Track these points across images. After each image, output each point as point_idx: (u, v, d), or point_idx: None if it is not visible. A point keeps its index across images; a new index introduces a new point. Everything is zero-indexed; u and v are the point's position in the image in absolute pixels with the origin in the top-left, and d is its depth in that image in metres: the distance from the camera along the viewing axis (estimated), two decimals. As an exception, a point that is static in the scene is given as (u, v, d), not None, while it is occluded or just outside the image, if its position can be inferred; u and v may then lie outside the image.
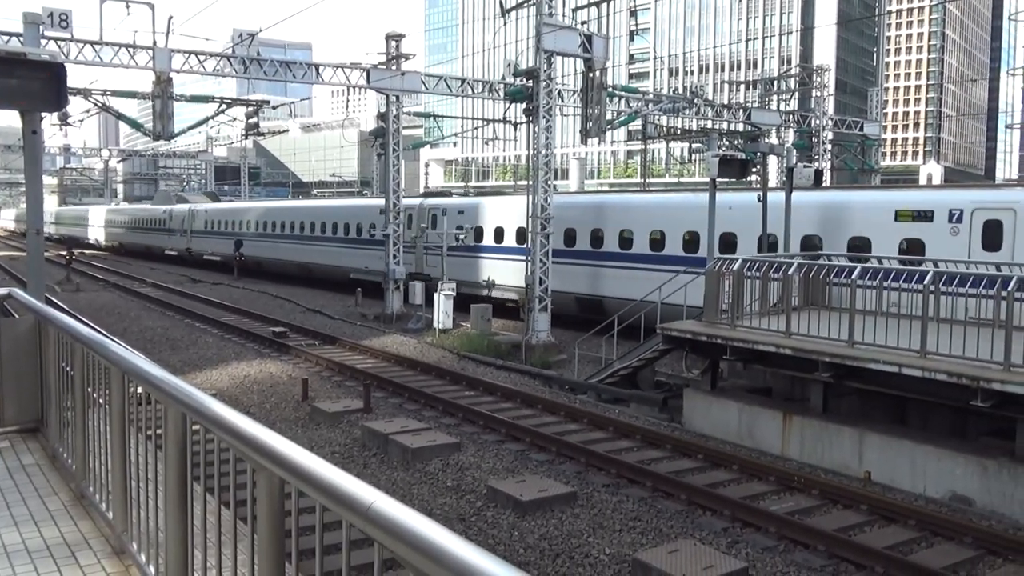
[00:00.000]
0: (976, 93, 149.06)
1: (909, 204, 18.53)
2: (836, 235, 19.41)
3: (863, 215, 19.36)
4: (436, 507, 10.54)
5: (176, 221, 53.67)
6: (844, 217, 19.55)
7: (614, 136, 73.80)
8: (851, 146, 44.78)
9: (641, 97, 33.04)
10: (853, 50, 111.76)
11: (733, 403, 14.22)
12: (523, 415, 14.89)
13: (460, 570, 1.87)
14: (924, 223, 17.88)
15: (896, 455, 11.82)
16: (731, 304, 14.41)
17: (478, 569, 1.83)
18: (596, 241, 24.71)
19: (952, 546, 9.36)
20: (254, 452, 2.74)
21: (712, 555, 8.68)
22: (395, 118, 27.44)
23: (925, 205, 18.13)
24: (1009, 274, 12.17)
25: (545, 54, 22.11)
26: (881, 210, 18.92)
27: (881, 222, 18.70)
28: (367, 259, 32.24)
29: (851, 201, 20.33)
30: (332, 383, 17.74)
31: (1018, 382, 10.25)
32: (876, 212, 19.07)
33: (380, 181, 41.89)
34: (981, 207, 17.10)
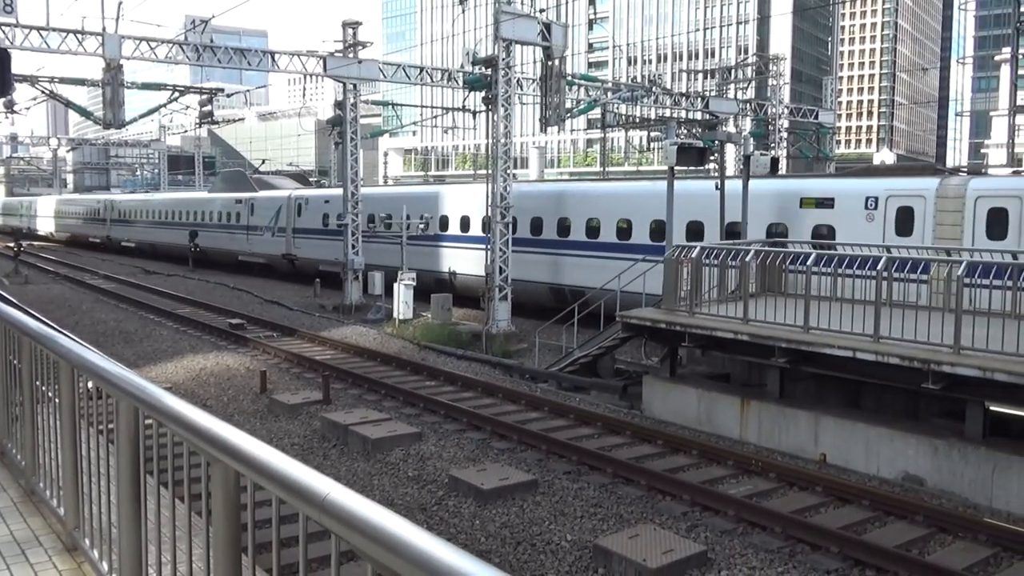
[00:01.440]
0: (927, 82, 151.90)
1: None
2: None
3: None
4: (397, 497, 10.52)
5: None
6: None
7: (573, 125, 73.99)
8: (806, 134, 45.42)
9: (600, 86, 33.12)
10: (808, 39, 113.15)
11: (692, 389, 14.38)
12: (484, 404, 14.90)
13: (417, 559, 1.86)
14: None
15: (850, 437, 12.06)
16: (689, 291, 14.55)
17: (434, 558, 1.82)
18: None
19: (904, 525, 9.58)
20: (208, 445, 2.70)
21: (672, 539, 8.78)
22: (353, 106, 27.17)
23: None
24: (960, 259, 12.45)
25: (503, 42, 22.03)
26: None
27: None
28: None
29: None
30: (291, 375, 17.57)
31: (967, 365, 10.51)
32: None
33: (338, 170, 41.48)
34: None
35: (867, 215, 17.95)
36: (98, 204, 58.26)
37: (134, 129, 56.98)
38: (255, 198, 38.77)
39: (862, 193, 18.17)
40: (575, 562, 8.66)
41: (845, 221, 18.25)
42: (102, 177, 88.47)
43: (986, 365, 10.36)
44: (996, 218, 16.10)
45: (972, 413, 11.02)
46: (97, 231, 57.24)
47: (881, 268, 12.05)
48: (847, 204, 18.37)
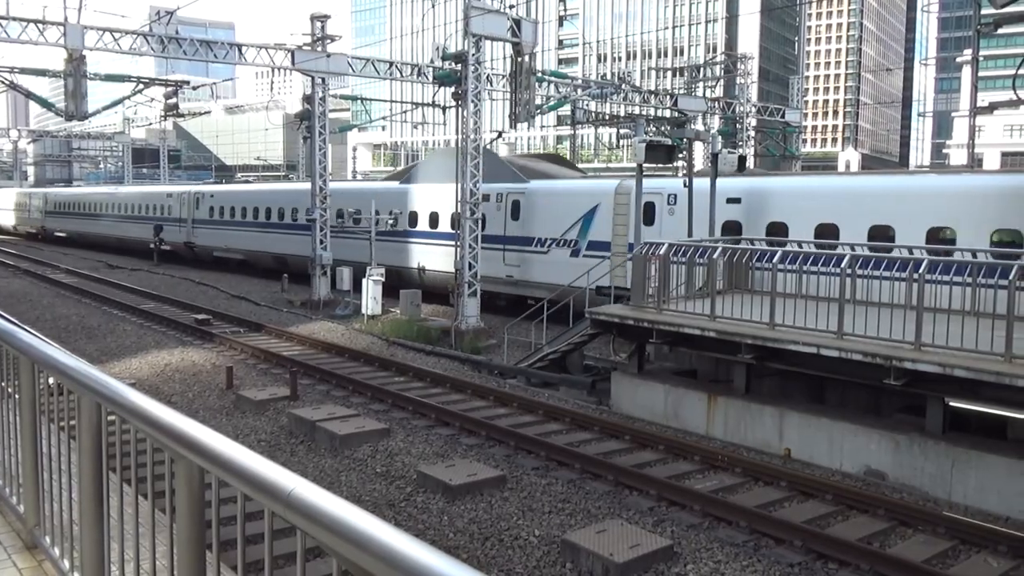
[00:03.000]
0: (892, 82, 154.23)
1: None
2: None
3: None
4: (365, 493, 10.48)
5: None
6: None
7: (543, 121, 74.02)
8: (773, 133, 45.92)
9: (570, 82, 33.19)
10: (776, 39, 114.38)
11: (659, 385, 14.49)
12: (453, 400, 14.89)
13: (383, 555, 1.86)
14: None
15: (815, 433, 12.23)
16: (657, 288, 14.65)
17: (400, 553, 1.82)
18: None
19: (866, 518, 9.74)
20: (172, 441, 2.67)
21: (639, 534, 8.85)
22: (321, 100, 26.97)
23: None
24: (920, 257, 12.67)
25: (473, 38, 21.99)
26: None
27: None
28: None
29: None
30: (258, 371, 17.42)
31: (928, 360, 10.70)
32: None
33: (306, 165, 41.14)
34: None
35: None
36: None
37: (97, 121, 56.03)
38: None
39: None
40: (543, 557, 8.70)
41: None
42: (64, 170, 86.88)
43: (946, 361, 10.56)
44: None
45: (932, 409, 11.22)
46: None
47: (845, 266, 12.23)
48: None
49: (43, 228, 57.71)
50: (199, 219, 40.18)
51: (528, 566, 8.52)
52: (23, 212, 63.33)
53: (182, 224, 41.44)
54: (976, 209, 16.09)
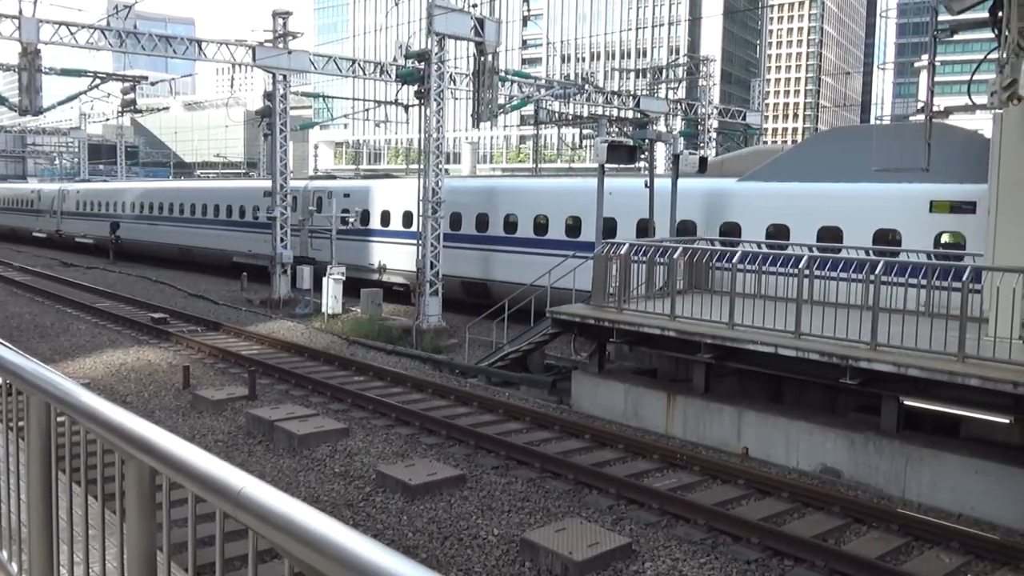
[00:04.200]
0: (851, 86, 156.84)
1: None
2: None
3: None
4: (323, 494, 10.39)
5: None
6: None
7: (506, 120, 74.09)
8: (735, 134, 46.47)
9: (533, 82, 33.24)
10: (738, 42, 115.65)
11: (620, 384, 14.57)
12: (413, 399, 14.84)
13: (335, 555, 1.84)
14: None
15: (772, 431, 12.39)
16: (618, 288, 14.73)
17: (353, 553, 1.81)
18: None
19: (822, 516, 9.89)
20: (122, 441, 2.62)
21: (598, 532, 8.90)
22: (282, 98, 26.68)
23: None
24: (877, 259, 12.90)
25: (436, 36, 21.92)
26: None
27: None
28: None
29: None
30: (215, 370, 17.19)
31: (883, 360, 10.90)
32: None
33: (267, 162, 40.65)
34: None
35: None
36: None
37: (53, 117, 54.84)
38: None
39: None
40: (502, 556, 8.70)
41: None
42: (18, 166, 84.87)
43: (901, 361, 10.76)
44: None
45: (887, 407, 11.43)
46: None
47: (803, 266, 12.40)
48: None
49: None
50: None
51: (487, 565, 8.52)
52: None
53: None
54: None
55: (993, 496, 10.21)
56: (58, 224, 48.69)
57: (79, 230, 45.95)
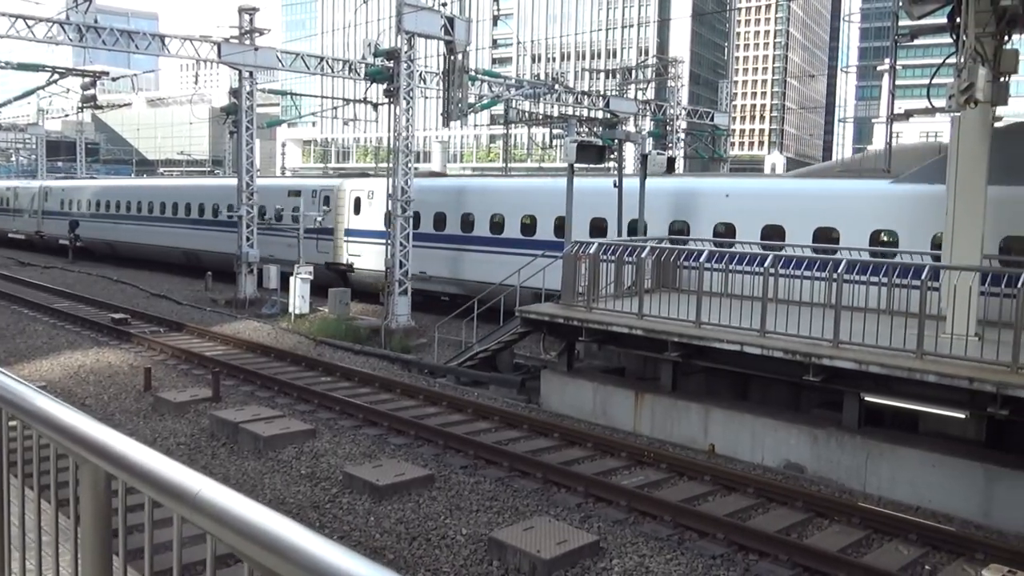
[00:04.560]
0: (815, 88, 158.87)
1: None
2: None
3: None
4: (289, 496, 10.31)
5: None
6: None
7: (477, 120, 74.05)
8: (702, 135, 46.80)
9: (503, 82, 33.21)
10: (706, 44, 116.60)
11: (588, 383, 14.63)
12: (381, 400, 14.77)
13: (296, 558, 1.82)
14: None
15: (738, 428, 12.52)
16: (587, 287, 14.79)
17: (314, 556, 1.79)
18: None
19: (785, 510, 10.02)
20: (76, 445, 2.58)
21: (566, 530, 8.92)
22: (249, 95, 26.41)
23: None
24: (839, 258, 13.08)
25: (406, 35, 21.82)
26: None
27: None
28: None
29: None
30: (178, 371, 16.96)
31: (845, 357, 11.06)
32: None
33: (233, 160, 40.23)
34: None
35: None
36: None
37: (9, 112, 53.69)
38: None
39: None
40: (470, 555, 8.69)
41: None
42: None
43: (862, 358, 10.93)
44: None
45: (849, 404, 11.60)
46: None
47: (768, 265, 12.54)
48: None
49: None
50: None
51: (455, 565, 8.50)
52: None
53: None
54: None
55: (949, 489, 10.41)
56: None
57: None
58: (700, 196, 20.00)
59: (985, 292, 11.83)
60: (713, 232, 18.80)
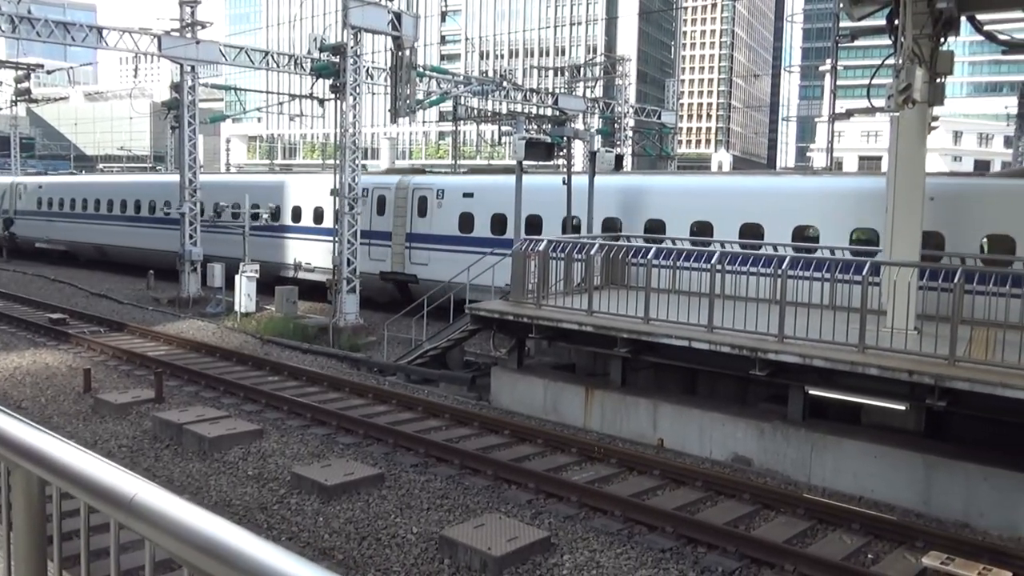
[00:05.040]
0: (760, 88, 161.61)
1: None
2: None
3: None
4: (236, 497, 10.12)
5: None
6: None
7: (425, 116, 73.74)
8: (650, 133, 47.28)
9: (451, 78, 33.11)
10: (653, 43, 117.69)
11: (539, 380, 14.65)
12: (330, 399, 14.60)
13: (236, 562, 1.77)
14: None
15: (686, 423, 12.66)
16: (536, 284, 14.80)
17: (256, 559, 1.74)
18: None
19: (733, 503, 10.16)
20: (7, 449, 2.48)
21: (516, 527, 8.92)
22: (191, 89, 25.87)
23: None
24: (784, 254, 13.31)
25: (352, 30, 21.58)
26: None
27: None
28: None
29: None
30: (119, 372, 16.54)
31: (790, 352, 11.25)
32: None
33: (175, 156, 39.37)
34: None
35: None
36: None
37: (-64, 105, 51.59)
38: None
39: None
40: (420, 554, 8.63)
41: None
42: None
43: (806, 352, 11.14)
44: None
45: (794, 397, 11.82)
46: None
47: (715, 262, 12.70)
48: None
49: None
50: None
51: (405, 564, 8.44)
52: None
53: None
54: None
55: (891, 479, 10.68)
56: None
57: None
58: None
59: (923, 287, 12.15)
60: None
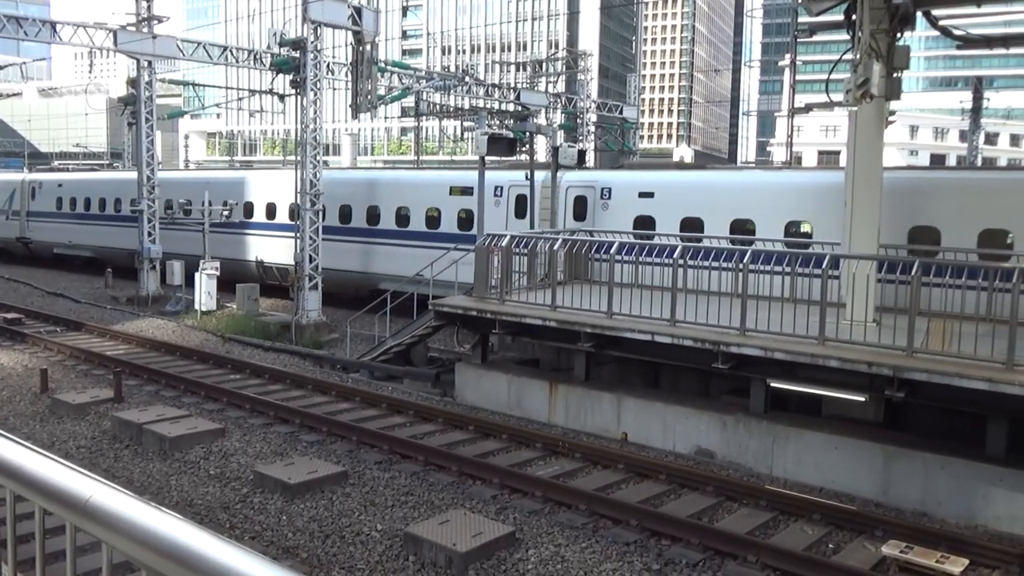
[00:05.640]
0: (721, 83, 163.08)
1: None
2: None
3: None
4: (197, 497, 9.98)
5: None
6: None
7: (387, 112, 73.32)
8: (612, 128, 47.46)
9: (413, 73, 32.92)
10: (615, 38, 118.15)
11: (503, 375, 14.66)
12: (293, 396, 14.46)
13: (195, 563, 1.74)
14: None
15: (650, 416, 12.75)
16: (500, 280, 14.80)
17: (215, 561, 1.72)
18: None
19: (696, 495, 10.26)
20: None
21: (481, 522, 8.91)
22: (147, 85, 25.41)
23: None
24: (744, 247, 13.44)
25: (312, 25, 21.37)
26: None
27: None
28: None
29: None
30: (77, 372, 16.22)
31: (752, 345, 11.38)
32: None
33: (132, 153, 38.69)
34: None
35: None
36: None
37: None
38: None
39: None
40: (385, 551, 8.58)
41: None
42: None
43: (767, 345, 11.27)
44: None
45: (756, 390, 11.95)
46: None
47: (677, 256, 12.79)
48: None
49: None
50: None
51: (370, 562, 8.39)
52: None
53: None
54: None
55: (851, 469, 10.85)
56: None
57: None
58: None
59: (882, 279, 12.35)
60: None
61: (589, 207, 20.11)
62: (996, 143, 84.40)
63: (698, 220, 18.06)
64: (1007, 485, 9.78)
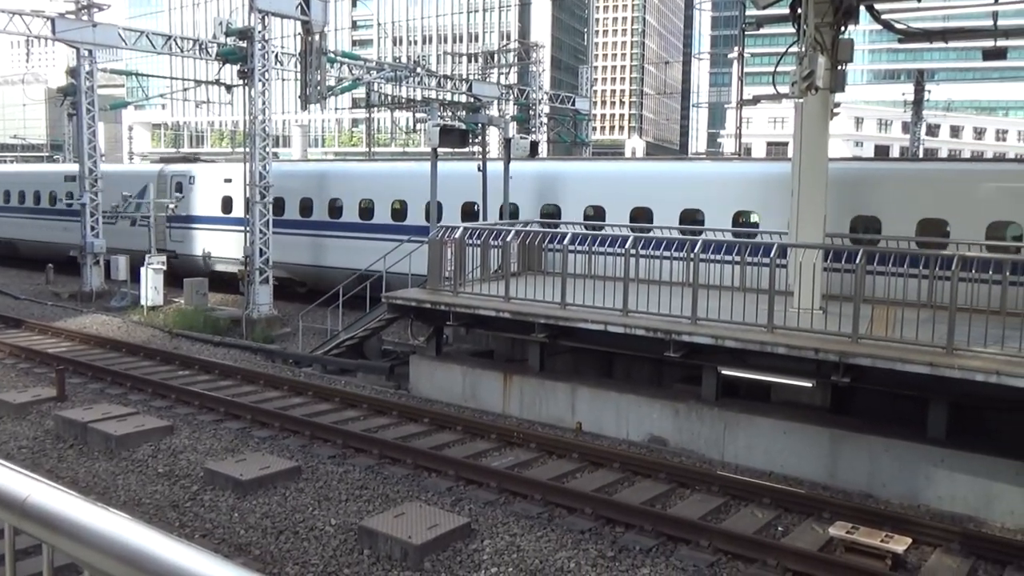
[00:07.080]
0: (672, 75, 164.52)
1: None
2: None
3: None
4: (146, 496, 9.79)
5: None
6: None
7: (338, 103, 72.47)
8: (565, 120, 47.58)
9: (363, 64, 32.59)
10: (567, 29, 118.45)
11: (457, 367, 14.64)
12: (244, 392, 14.26)
13: (141, 562, 1.70)
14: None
15: (603, 405, 12.85)
16: (453, 271, 14.76)
17: (160, 558, 1.68)
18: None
19: (650, 483, 10.38)
20: None
21: (437, 514, 8.90)
22: (88, 75, 24.75)
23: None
24: (695, 238, 13.60)
25: (259, 14, 21.02)
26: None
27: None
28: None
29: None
30: (17, 371, 15.78)
31: (703, 333, 11.53)
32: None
33: (74, 145, 37.66)
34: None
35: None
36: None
37: None
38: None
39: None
40: (339, 546, 8.52)
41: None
42: None
43: (718, 333, 11.43)
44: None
45: (707, 377, 12.12)
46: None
47: (628, 246, 12.89)
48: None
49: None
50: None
51: (324, 556, 8.32)
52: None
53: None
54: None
55: (799, 453, 11.08)
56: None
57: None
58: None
59: (828, 268, 12.60)
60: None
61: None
62: (937, 134, 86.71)
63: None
64: (948, 466, 10.08)
